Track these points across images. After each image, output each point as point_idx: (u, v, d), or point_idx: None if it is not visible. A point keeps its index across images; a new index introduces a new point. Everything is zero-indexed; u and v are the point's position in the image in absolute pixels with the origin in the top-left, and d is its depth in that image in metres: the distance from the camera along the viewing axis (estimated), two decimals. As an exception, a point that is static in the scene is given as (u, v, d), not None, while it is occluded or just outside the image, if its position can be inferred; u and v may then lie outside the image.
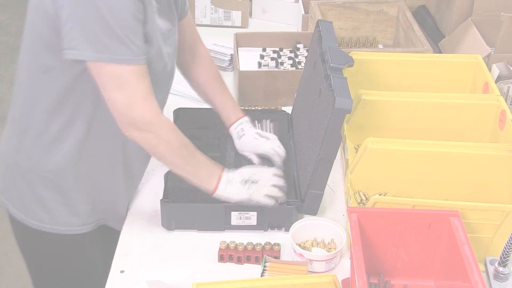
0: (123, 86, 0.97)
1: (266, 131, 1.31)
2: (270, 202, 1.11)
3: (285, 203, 1.14)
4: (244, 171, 1.12)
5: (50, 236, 1.15)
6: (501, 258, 1.01)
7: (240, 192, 1.09)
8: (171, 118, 1.38)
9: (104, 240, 1.22)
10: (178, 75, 1.68)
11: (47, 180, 1.11)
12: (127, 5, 0.95)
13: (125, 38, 0.95)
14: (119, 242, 1.13)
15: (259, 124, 1.32)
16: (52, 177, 1.11)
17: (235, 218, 1.14)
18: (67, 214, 1.14)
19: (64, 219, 1.14)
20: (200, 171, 1.08)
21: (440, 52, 1.68)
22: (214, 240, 1.13)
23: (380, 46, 1.77)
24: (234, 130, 1.26)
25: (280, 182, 1.12)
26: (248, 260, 1.09)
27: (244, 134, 1.26)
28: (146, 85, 0.99)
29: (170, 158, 1.05)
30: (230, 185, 1.09)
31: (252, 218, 1.14)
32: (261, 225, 1.15)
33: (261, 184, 1.10)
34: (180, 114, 1.37)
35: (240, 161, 1.25)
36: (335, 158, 1.11)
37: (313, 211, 1.16)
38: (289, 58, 1.61)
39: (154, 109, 1.00)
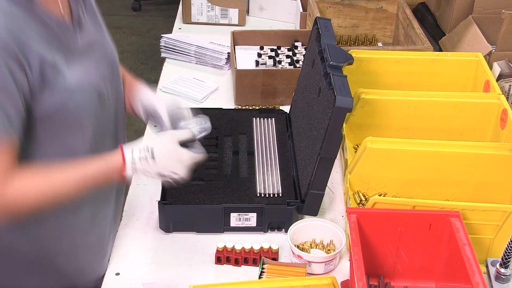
0: None
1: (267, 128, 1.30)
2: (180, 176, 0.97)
3: (285, 203, 1.13)
4: (163, 158, 0.94)
5: None
6: (502, 259, 1.01)
7: (150, 169, 0.94)
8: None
9: None
10: (174, 75, 1.68)
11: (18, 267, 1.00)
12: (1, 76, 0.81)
13: None
14: (114, 244, 1.12)
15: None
16: None
17: (234, 219, 1.13)
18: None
19: None
20: (95, 181, 0.92)
21: (440, 50, 1.67)
22: (211, 241, 1.12)
23: (380, 44, 1.77)
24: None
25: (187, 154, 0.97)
26: (246, 262, 1.08)
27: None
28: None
29: (37, 209, 0.91)
30: (139, 165, 0.93)
31: (251, 219, 1.13)
32: (260, 227, 1.14)
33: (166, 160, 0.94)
34: (177, 114, 1.36)
35: (238, 161, 1.24)
36: (336, 157, 1.10)
37: (314, 212, 1.15)
38: (287, 56, 1.60)
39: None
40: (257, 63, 1.58)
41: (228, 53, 1.65)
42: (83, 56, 0.94)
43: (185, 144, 1.00)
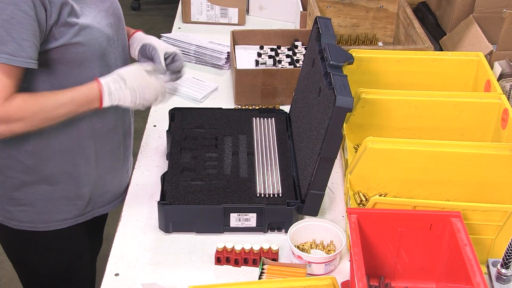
0: None
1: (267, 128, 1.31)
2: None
3: (285, 204, 1.12)
4: (133, 82, 1.08)
5: (30, 234, 1.16)
6: (503, 259, 1.00)
7: (126, 98, 1.08)
8: (167, 118, 1.35)
9: (87, 233, 1.24)
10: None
11: (16, 182, 1.12)
12: (17, 4, 0.94)
13: (6, 36, 0.94)
14: (113, 245, 1.11)
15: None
16: (22, 178, 1.11)
17: (234, 220, 1.12)
18: (45, 210, 1.15)
19: (43, 216, 1.15)
20: (75, 108, 1.05)
21: (441, 49, 1.66)
22: (211, 242, 1.12)
23: (380, 43, 1.76)
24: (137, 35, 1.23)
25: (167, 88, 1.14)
26: (246, 262, 1.08)
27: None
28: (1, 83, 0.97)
29: (35, 129, 1.04)
30: (116, 94, 1.07)
31: (251, 219, 1.12)
32: (260, 227, 1.13)
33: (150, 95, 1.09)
34: (176, 114, 1.35)
35: (238, 161, 1.23)
36: (336, 157, 1.10)
37: (314, 212, 1.15)
38: (287, 56, 1.60)
39: None
40: (257, 62, 1.58)
41: (228, 52, 1.65)
42: (93, 5, 1.07)
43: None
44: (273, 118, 1.35)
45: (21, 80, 1.01)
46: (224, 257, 1.07)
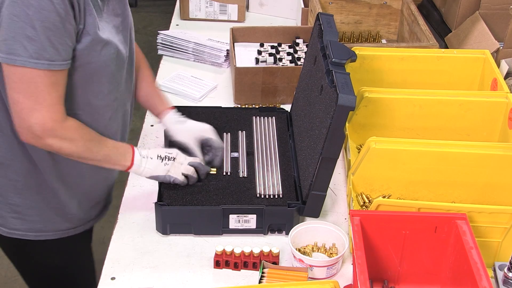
0: (31, 91, 0.96)
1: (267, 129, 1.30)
2: (184, 180, 1.13)
3: (286, 205, 1.11)
4: (159, 149, 1.14)
5: (23, 243, 1.15)
6: (510, 263, 1.00)
7: (157, 167, 1.11)
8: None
9: (82, 245, 1.24)
10: (171, 73, 1.65)
11: (19, 185, 1.10)
12: (54, 7, 0.93)
13: (46, 41, 0.93)
14: (109, 248, 1.10)
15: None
16: (24, 181, 1.09)
17: (234, 221, 1.11)
18: (40, 220, 1.13)
19: (37, 225, 1.14)
20: (111, 156, 1.08)
21: (446, 47, 1.66)
22: (210, 245, 1.11)
23: (384, 41, 1.75)
24: (173, 116, 1.24)
25: (196, 160, 1.16)
26: (245, 266, 1.06)
27: (186, 121, 1.24)
28: (57, 93, 0.98)
29: (77, 155, 1.05)
30: (146, 160, 1.11)
31: (251, 221, 1.11)
32: (260, 229, 1.12)
33: (178, 162, 1.13)
34: (175, 112, 1.33)
35: (237, 161, 1.22)
36: (338, 157, 1.09)
37: (315, 213, 1.13)
38: (288, 53, 1.58)
39: (57, 117, 0.99)
40: (257, 60, 1.56)
41: (227, 50, 1.63)
42: (108, 19, 1.06)
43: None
44: (274, 117, 1.33)
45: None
46: (223, 261, 1.06)
